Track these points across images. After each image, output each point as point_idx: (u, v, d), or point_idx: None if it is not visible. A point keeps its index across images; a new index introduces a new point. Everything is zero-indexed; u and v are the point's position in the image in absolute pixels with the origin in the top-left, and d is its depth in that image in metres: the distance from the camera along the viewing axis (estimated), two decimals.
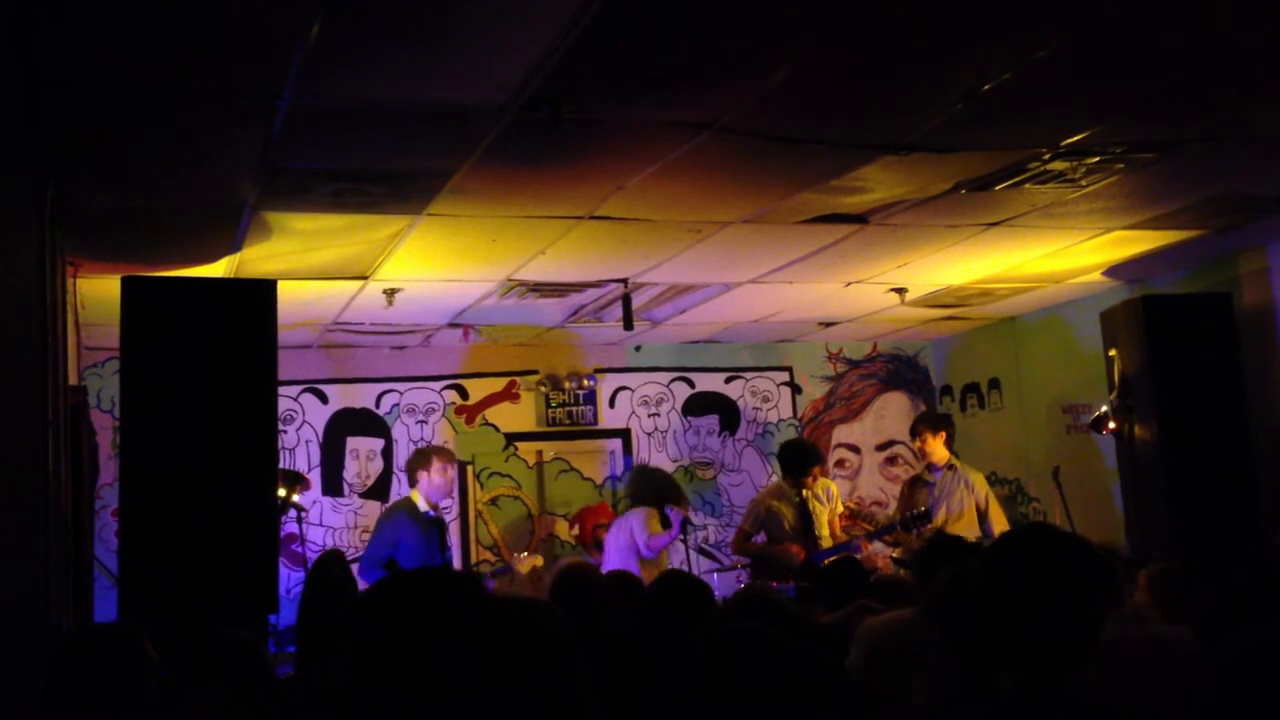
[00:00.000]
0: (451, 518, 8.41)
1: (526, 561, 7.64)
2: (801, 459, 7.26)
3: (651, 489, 7.40)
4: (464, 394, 8.58)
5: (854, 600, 4.48)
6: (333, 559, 4.68)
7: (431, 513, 6.75)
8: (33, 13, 2.97)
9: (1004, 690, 2.20)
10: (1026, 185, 4.93)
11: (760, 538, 7.36)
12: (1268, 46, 3.65)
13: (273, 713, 3.10)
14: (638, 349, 8.91)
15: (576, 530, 8.31)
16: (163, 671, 2.93)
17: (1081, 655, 2.19)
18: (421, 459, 6.90)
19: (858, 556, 6.15)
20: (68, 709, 2.83)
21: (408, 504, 6.84)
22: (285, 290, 5.38)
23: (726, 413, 9.15)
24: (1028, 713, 2.13)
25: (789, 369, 9.32)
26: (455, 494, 8.44)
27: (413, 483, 6.88)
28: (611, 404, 8.89)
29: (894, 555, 7.13)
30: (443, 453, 7.04)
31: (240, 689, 3.03)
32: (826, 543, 7.13)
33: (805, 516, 7.17)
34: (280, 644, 6.41)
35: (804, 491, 7.20)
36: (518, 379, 8.69)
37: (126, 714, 2.77)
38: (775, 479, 8.08)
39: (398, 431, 8.38)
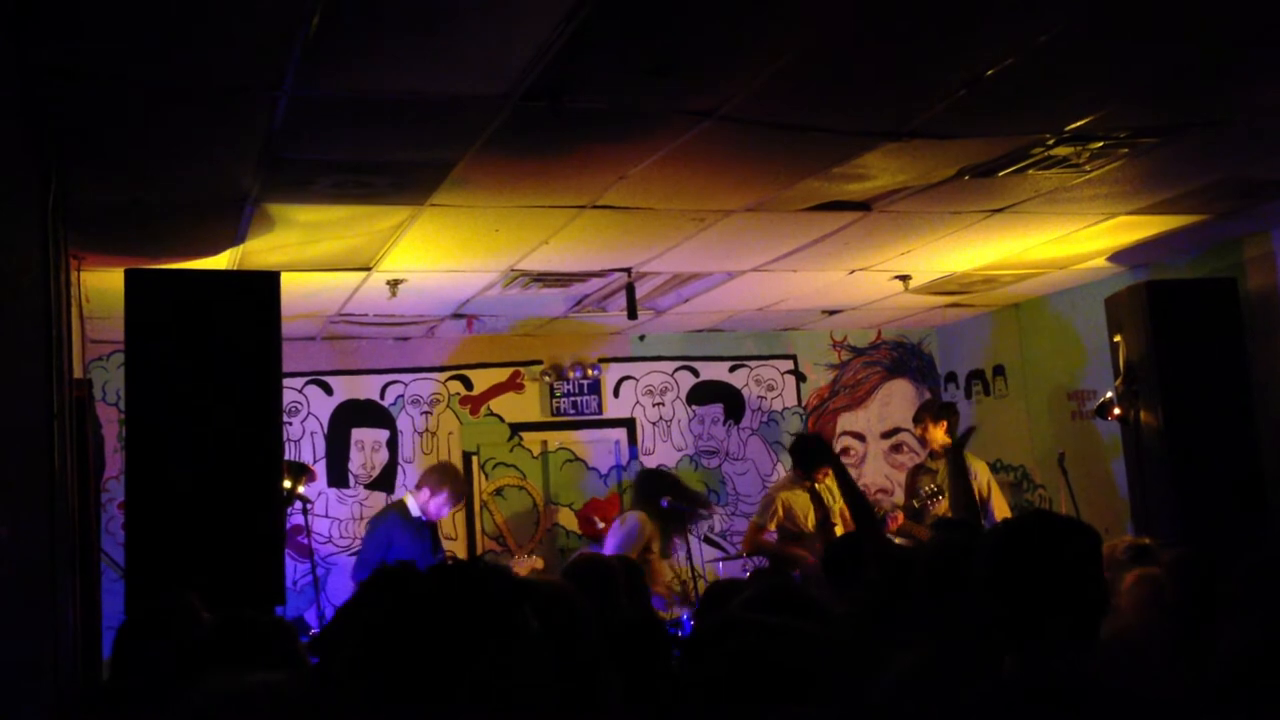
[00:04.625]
0: (456, 509, 8.41)
1: (526, 564, 7.57)
2: (811, 457, 7.26)
3: (645, 490, 7.34)
4: (468, 384, 8.59)
5: None
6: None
7: (423, 517, 6.75)
8: (33, 6, 2.97)
9: (1007, 670, 2.21)
10: (1030, 171, 4.92)
11: (773, 534, 7.37)
12: (1271, 30, 3.63)
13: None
14: (642, 338, 8.91)
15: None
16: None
17: (1083, 637, 2.20)
18: (439, 480, 6.83)
19: None
20: (132, 686, 2.86)
21: (400, 506, 6.85)
22: (288, 282, 5.38)
23: (731, 402, 9.15)
24: (1030, 693, 2.14)
25: (793, 357, 9.32)
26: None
27: (416, 485, 6.83)
28: (616, 394, 8.89)
29: (897, 543, 7.14)
30: (459, 489, 6.99)
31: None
32: (841, 532, 7.15)
33: (821, 506, 7.20)
34: None
35: (816, 486, 7.24)
36: (522, 369, 8.69)
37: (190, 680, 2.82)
38: (787, 471, 8.07)
39: (402, 422, 8.39)
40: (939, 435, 7.37)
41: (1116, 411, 6.61)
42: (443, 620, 1.77)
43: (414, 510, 6.81)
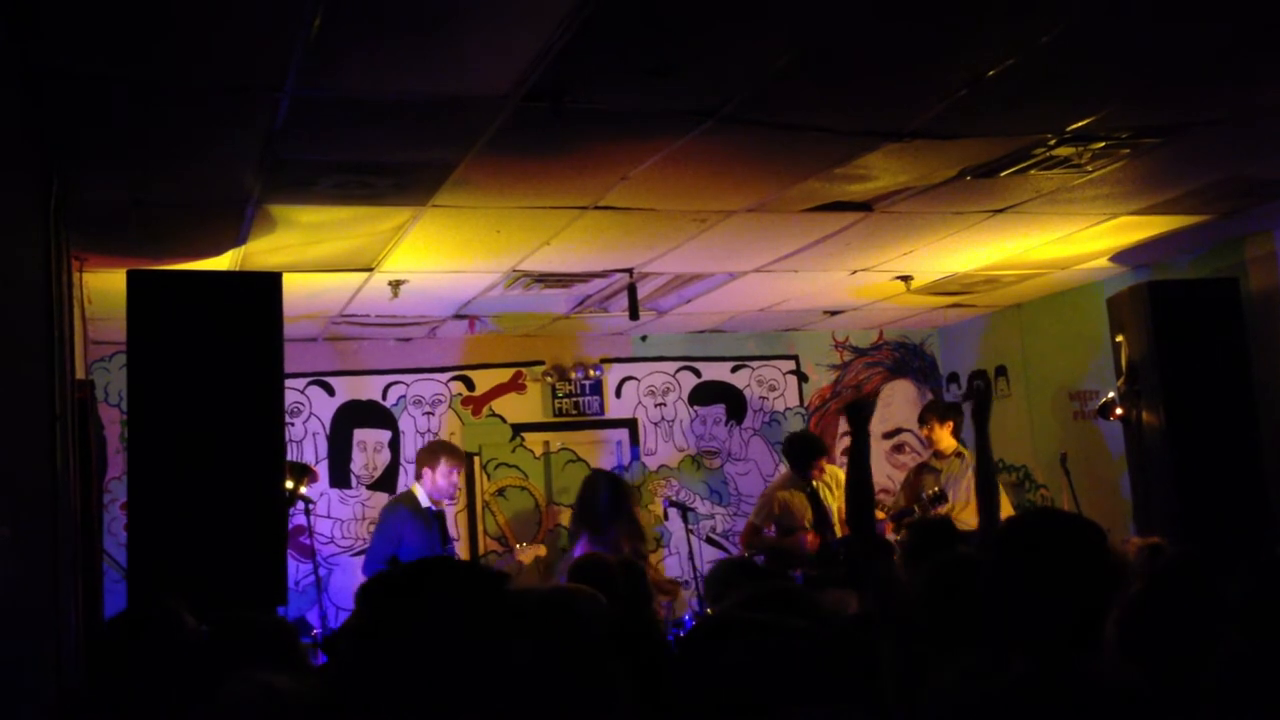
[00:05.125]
0: (459, 509, 8.43)
1: (529, 551, 7.59)
2: (805, 452, 7.28)
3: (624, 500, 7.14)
4: (470, 385, 8.59)
5: None
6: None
7: (433, 507, 6.78)
8: (34, 7, 2.97)
9: (1013, 671, 2.20)
10: (1032, 171, 4.91)
11: (770, 531, 7.37)
12: (1272, 30, 3.63)
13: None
14: (644, 339, 8.91)
15: None
16: (204, 633, 2.99)
17: (1089, 636, 2.20)
18: (430, 456, 6.86)
19: None
20: (117, 689, 2.87)
21: (409, 498, 6.87)
22: (290, 283, 5.39)
23: (733, 402, 9.15)
24: (1037, 692, 2.13)
25: (795, 358, 9.31)
26: (463, 487, 8.47)
27: (417, 475, 6.90)
28: (618, 394, 8.89)
29: (899, 539, 7.14)
30: (453, 454, 6.95)
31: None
32: (840, 533, 7.16)
33: (818, 505, 7.20)
34: None
35: (814, 482, 7.24)
36: (524, 370, 8.69)
37: (174, 683, 2.82)
38: (784, 470, 8.07)
39: (404, 423, 8.40)
40: (945, 436, 7.38)
41: (1119, 411, 6.61)
42: (431, 623, 1.77)
43: (424, 500, 6.82)
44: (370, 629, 1.83)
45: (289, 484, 5.63)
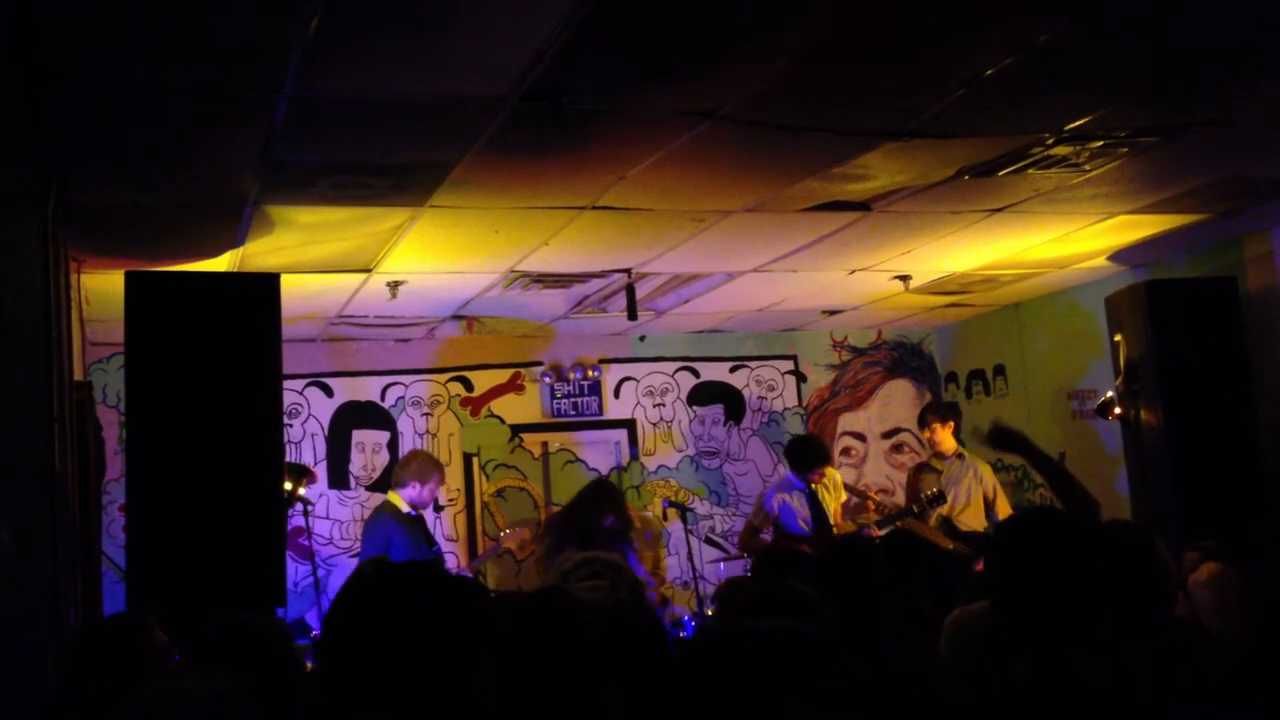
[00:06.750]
0: (458, 510, 8.43)
1: (514, 537, 7.60)
2: (808, 457, 7.28)
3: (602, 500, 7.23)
4: (469, 386, 8.58)
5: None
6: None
7: (413, 512, 6.80)
8: (34, 8, 2.97)
9: (1016, 674, 2.19)
10: (1030, 171, 4.92)
11: (768, 533, 7.37)
12: (1272, 29, 3.63)
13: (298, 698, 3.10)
14: (642, 339, 8.91)
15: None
16: (175, 656, 2.97)
17: (1091, 639, 2.18)
18: (423, 470, 6.87)
19: None
20: (81, 701, 2.86)
21: (390, 507, 6.86)
22: (289, 284, 5.38)
23: (732, 402, 9.15)
24: (1038, 697, 2.12)
25: (794, 357, 9.32)
26: (462, 488, 8.48)
27: (399, 484, 6.87)
28: (616, 395, 8.88)
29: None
30: (441, 469, 7.08)
31: (264, 674, 3.02)
32: (837, 534, 7.16)
33: (816, 507, 7.19)
34: None
35: (813, 485, 7.24)
36: (522, 370, 8.69)
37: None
38: (784, 471, 8.07)
39: (403, 424, 8.39)
40: (946, 437, 7.37)
41: (1117, 411, 6.61)
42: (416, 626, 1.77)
43: (404, 507, 6.84)
44: (351, 631, 1.82)
45: (287, 485, 5.62)
